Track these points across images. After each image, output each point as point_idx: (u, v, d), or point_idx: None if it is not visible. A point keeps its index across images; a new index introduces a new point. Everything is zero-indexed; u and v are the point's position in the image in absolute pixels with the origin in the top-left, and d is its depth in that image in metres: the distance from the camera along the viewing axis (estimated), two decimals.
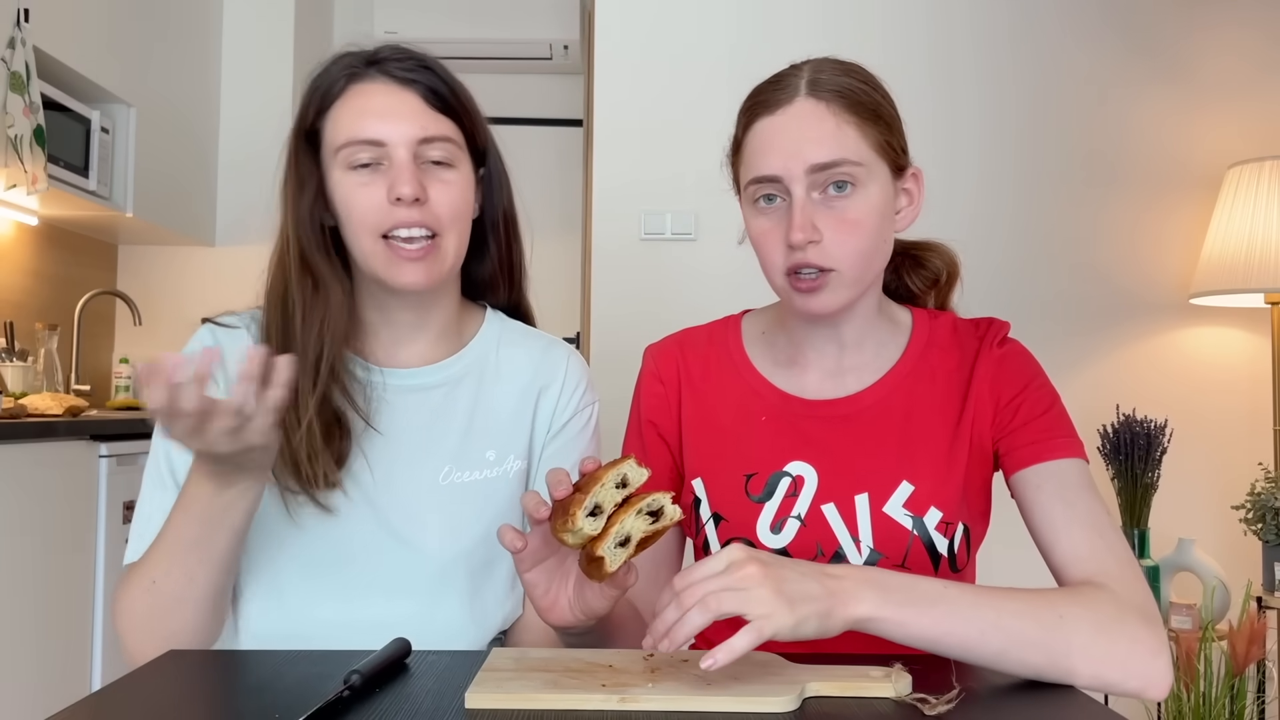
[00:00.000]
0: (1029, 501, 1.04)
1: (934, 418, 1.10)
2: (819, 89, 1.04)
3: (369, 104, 1.10)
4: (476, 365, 1.19)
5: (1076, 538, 0.98)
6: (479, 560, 1.14)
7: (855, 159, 1.02)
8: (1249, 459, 2.80)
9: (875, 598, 0.84)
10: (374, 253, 1.09)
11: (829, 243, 1.02)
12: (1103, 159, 2.92)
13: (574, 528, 0.82)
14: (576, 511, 0.82)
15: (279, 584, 1.10)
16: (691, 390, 1.17)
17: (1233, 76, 2.92)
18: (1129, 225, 2.92)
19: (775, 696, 0.77)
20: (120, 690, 0.82)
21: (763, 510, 1.10)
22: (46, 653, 2.19)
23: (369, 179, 1.08)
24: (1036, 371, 1.11)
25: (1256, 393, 2.87)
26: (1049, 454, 1.04)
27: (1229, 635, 2.33)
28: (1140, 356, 2.91)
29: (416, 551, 1.12)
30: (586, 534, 0.83)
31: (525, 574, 0.91)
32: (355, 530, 1.10)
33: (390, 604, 1.10)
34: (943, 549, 1.07)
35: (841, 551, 1.07)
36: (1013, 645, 0.85)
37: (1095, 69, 2.93)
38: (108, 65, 3.03)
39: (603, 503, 0.84)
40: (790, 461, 1.11)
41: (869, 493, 1.08)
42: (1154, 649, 0.88)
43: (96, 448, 2.39)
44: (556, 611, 0.93)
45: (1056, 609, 0.87)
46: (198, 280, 3.70)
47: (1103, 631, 0.87)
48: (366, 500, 1.11)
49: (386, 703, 0.79)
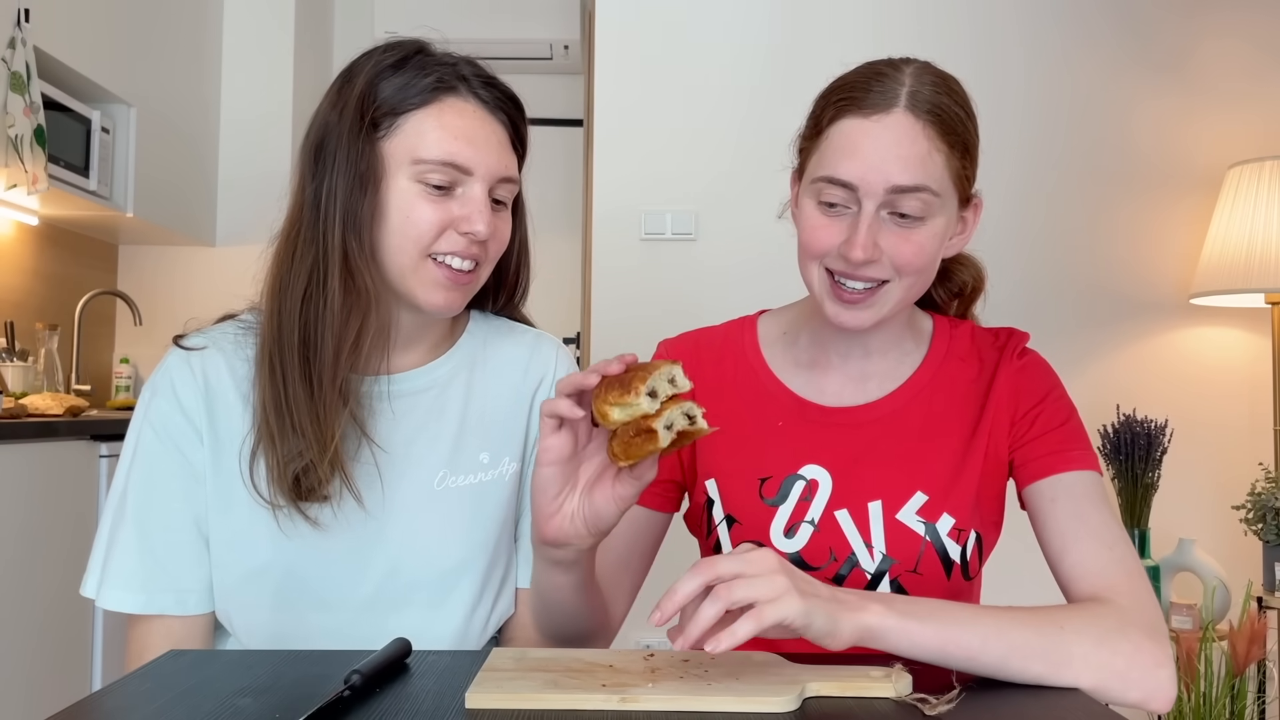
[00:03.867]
0: (1041, 514, 1.03)
1: (950, 427, 1.09)
2: (918, 105, 0.99)
3: (462, 126, 1.05)
4: (466, 364, 1.17)
5: (1085, 552, 0.98)
6: (477, 566, 1.13)
7: (935, 189, 0.99)
8: (1249, 459, 2.80)
9: (880, 608, 0.84)
10: (415, 270, 1.05)
11: (885, 262, 1.00)
12: (1103, 159, 2.92)
13: (634, 400, 0.83)
14: (640, 386, 0.83)
15: (273, 598, 1.09)
16: (706, 390, 1.15)
17: (1233, 77, 2.92)
18: (1129, 225, 2.92)
19: (775, 696, 0.77)
20: (120, 690, 0.82)
21: (776, 514, 1.09)
22: (47, 653, 2.18)
23: (437, 198, 1.04)
24: (1055, 383, 1.11)
25: (1257, 393, 2.87)
26: (1063, 466, 1.03)
27: (1229, 635, 2.32)
28: (1141, 356, 2.91)
29: (413, 559, 1.10)
30: (642, 410, 0.83)
31: (544, 468, 0.89)
32: (350, 541, 1.08)
33: (386, 613, 1.09)
34: (955, 555, 1.06)
35: (854, 557, 1.06)
36: (1014, 654, 0.85)
37: (1095, 69, 2.93)
38: (108, 65, 3.03)
39: (655, 386, 0.84)
40: (805, 465, 1.10)
41: (882, 500, 1.07)
42: (1157, 661, 0.87)
43: (97, 448, 2.39)
44: (555, 522, 0.90)
45: (1058, 621, 0.88)
46: (198, 280, 3.70)
47: (1104, 643, 0.87)
48: (361, 510, 1.08)
49: (387, 703, 0.78)
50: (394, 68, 1.07)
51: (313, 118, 1.09)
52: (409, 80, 1.06)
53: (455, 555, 1.12)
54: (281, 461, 1.02)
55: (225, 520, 1.08)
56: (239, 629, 1.10)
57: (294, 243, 1.06)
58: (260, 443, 1.04)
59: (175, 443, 1.07)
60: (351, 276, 1.03)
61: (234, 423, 1.08)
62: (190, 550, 1.08)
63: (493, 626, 1.16)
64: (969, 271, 1.21)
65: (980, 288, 1.22)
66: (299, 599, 1.08)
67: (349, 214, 1.03)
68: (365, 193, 1.03)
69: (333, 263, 1.03)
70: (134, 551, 1.06)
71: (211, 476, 1.08)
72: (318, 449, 1.02)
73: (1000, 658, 0.85)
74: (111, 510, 1.09)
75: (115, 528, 1.07)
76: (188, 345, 1.11)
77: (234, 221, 3.75)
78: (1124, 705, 0.88)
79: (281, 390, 1.03)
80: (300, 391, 1.03)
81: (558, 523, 0.90)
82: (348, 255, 1.03)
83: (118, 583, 1.06)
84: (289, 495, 1.04)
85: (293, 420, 1.02)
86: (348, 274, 1.03)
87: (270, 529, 1.07)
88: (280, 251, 1.07)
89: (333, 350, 1.03)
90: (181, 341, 1.12)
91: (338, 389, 1.03)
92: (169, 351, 1.11)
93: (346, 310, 1.03)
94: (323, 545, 1.08)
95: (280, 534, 1.07)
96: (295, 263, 1.05)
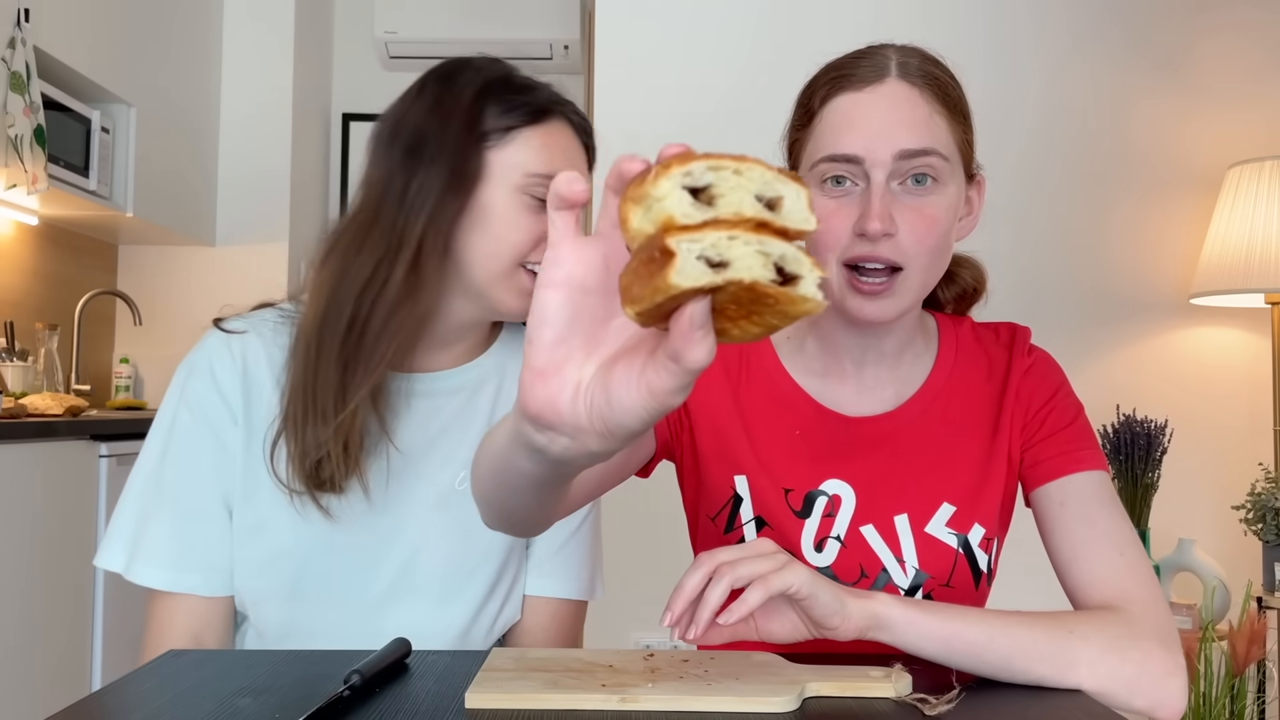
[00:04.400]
0: (1049, 519, 1.00)
1: (971, 432, 1.06)
2: (910, 73, 0.97)
3: (565, 147, 1.12)
4: (496, 371, 1.18)
5: (1095, 560, 0.96)
6: (489, 569, 1.14)
7: (944, 152, 0.96)
8: (1249, 459, 2.80)
9: (888, 598, 0.84)
10: (507, 276, 1.09)
11: (904, 238, 0.94)
12: (1103, 159, 2.92)
13: (654, 194, 0.47)
14: (665, 174, 0.47)
15: (289, 588, 1.10)
16: (732, 384, 1.10)
17: (1233, 76, 2.92)
18: (1129, 225, 2.92)
19: (775, 696, 0.77)
20: (120, 690, 0.82)
21: (804, 527, 1.04)
22: (46, 653, 2.18)
23: (539, 212, 1.08)
24: (1062, 380, 1.08)
25: (1257, 393, 2.87)
26: (1072, 466, 1.01)
27: (1229, 635, 2.32)
28: (1140, 356, 2.90)
29: (427, 558, 1.11)
30: (667, 214, 0.46)
31: (545, 290, 0.54)
32: (366, 536, 1.10)
33: (394, 609, 1.10)
34: (984, 565, 1.04)
35: (886, 573, 1.03)
36: (1019, 654, 0.84)
37: (1096, 68, 2.93)
38: (108, 65, 3.03)
39: (719, 190, 0.47)
40: (826, 480, 1.05)
41: (909, 514, 1.04)
42: (1168, 670, 0.86)
43: (96, 448, 2.38)
44: (546, 385, 0.54)
45: (1067, 625, 0.87)
46: (198, 280, 3.70)
47: (1113, 649, 0.85)
48: (378, 505, 1.10)
49: (386, 703, 0.78)
50: (503, 83, 1.11)
51: (397, 118, 1.11)
52: (520, 97, 1.11)
53: (468, 557, 1.12)
54: (302, 448, 1.04)
55: (250, 505, 1.09)
56: (254, 617, 1.11)
57: (366, 231, 1.07)
58: (285, 428, 1.06)
59: (210, 423, 1.09)
60: (418, 269, 1.05)
61: (267, 408, 1.09)
62: (219, 531, 1.09)
63: (498, 631, 1.17)
64: (971, 273, 1.19)
65: (982, 289, 1.19)
66: (313, 590, 1.10)
67: (437, 211, 1.06)
68: (459, 194, 1.06)
69: (405, 254, 1.05)
70: (167, 528, 1.08)
71: (242, 459, 1.09)
72: (338, 439, 1.04)
73: (1005, 657, 0.84)
74: (141, 486, 1.09)
75: (147, 504, 1.08)
76: (228, 328, 1.13)
77: (234, 221, 3.75)
78: (1130, 712, 0.87)
79: (313, 372, 1.04)
80: (333, 374, 1.04)
81: (550, 389, 0.54)
82: (422, 248, 1.05)
83: (150, 559, 1.07)
84: (306, 483, 1.05)
85: (318, 405, 1.04)
86: (416, 266, 1.05)
87: (291, 518, 1.08)
88: (348, 238, 1.08)
89: (376, 334, 1.04)
90: (222, 324, 1.13)
91: (371, 376, 1.05)
92: (208, 333, 1.13)
93: (401, 299, 1.05)
94: (339, 538, 1.09)
95: (300, 523, 1.08)
96: (363, 251, 1.06)
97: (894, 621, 0.83)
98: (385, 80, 4.20)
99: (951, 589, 1.03)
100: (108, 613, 2.38)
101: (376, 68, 4.28)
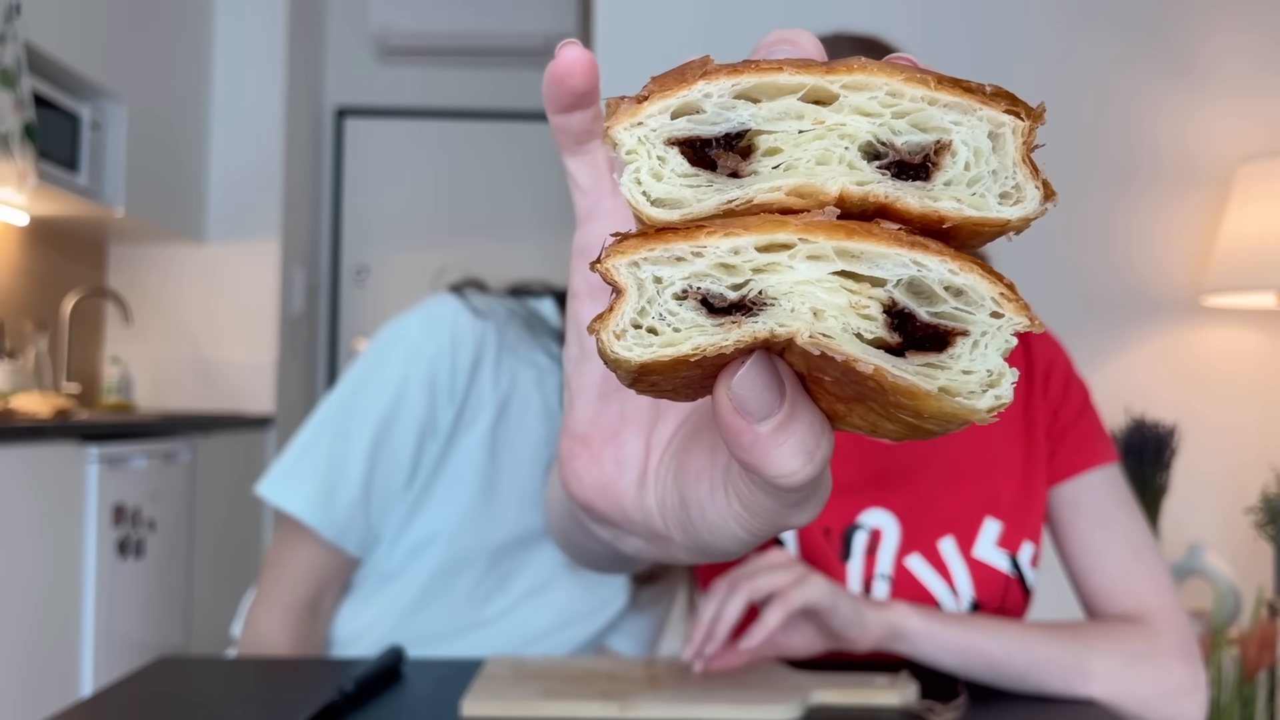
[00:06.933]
0: (1064, 522, 0.98)
1: (1006, 433, 1.01)
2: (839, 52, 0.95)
3: None
4: None
5: (1112, 567, 0.93)
6: (602, 618, 1.11)
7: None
8: (1261, 462, 2.77)
9: (906, 609, 0.84)
10: None
11: None
12: (1111, 156, 2.90)
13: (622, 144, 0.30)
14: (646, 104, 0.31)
15: (423, 585, 1.05)
16: None
17: (1243, 71, 2.90)
18: (1139, 223, 2.89)
19: (778, 704, 0.76)
20: (110, 697, 0.81)
21: (848, 570, 0.98)
22: (35, 657, 2.15)
23: None
24: (1068, 363, 1.05)
25: (1269, 395, 2.84)
26: (1086, 462, 0.98)
27: (1240, 641, 2.30)
28: (1150, 358, 2.88)
29: (552, 590, 1.09)
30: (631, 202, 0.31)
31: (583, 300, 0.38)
32: (479, 531, 1.06)
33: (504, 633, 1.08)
34: (1031, 582, 1.00)
35: (940, 607, 0.97)
36: (1035, 668, 0.84)
37: (1103, 64, 2.90)
38: (98, 59, 2.99)
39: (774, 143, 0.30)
40: (863, 510, 0.99)
41: (954, 534, 0.98)
42: (1185, 689, 0.85)
43: (86, 449, 2.35)
44: (607, 467, 0.37)
45: (1084, 639, 0.86)
46: (188, 278, 3.66)
47: (1130, 666, 0.85)
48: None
49: (383, 711, 0.77)
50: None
51: None
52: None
53: (590, 600, 1.10)
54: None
55: (425, 493, 1.03)
56: (375, 605, 1.05)
57: None
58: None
59: (432, 390, 1.01)
60: None
61: (477, 406, 1.03)
62: (382, 498, 1.02)
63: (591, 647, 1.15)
64: None
65: None
66: (448, 597, 1.05)
67: None
68: None
69: None
70: (339, 466, 0.99)
71: (444, 441, 1.02)
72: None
73: (1021, 672, 0.84)
74: (334, 419, 1.01)
75: (331, 438, 1.00)
76: (474, 305, 1.04)
77: (225, 218, 3.70)
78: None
79: None
80: None
81: (604, 470, 0.37)
82: None
83: (300, 487, 0.99)
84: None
85: None
86: None
87: (461, 520, 1.03)
88: None
89: None
90: (467, 297, 1.04)
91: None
92: (447, 298, 1.03)
93: None
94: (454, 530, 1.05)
95: (467, 526, 1.03)
96: None
97: (912, 632, 0.83)
98: (380, 74, 4.16)
99: (1004, 611, 1.00)
100: (98, 616, 2.35)
101: (371, 61, 4.24)
